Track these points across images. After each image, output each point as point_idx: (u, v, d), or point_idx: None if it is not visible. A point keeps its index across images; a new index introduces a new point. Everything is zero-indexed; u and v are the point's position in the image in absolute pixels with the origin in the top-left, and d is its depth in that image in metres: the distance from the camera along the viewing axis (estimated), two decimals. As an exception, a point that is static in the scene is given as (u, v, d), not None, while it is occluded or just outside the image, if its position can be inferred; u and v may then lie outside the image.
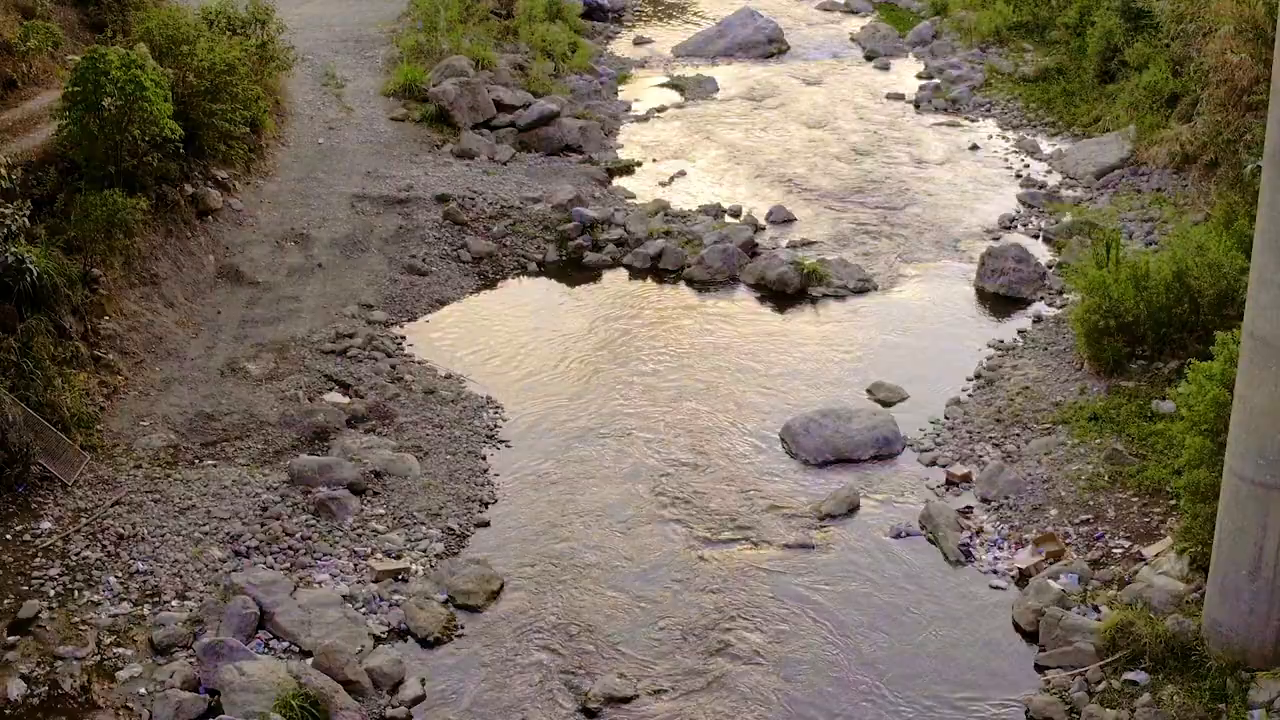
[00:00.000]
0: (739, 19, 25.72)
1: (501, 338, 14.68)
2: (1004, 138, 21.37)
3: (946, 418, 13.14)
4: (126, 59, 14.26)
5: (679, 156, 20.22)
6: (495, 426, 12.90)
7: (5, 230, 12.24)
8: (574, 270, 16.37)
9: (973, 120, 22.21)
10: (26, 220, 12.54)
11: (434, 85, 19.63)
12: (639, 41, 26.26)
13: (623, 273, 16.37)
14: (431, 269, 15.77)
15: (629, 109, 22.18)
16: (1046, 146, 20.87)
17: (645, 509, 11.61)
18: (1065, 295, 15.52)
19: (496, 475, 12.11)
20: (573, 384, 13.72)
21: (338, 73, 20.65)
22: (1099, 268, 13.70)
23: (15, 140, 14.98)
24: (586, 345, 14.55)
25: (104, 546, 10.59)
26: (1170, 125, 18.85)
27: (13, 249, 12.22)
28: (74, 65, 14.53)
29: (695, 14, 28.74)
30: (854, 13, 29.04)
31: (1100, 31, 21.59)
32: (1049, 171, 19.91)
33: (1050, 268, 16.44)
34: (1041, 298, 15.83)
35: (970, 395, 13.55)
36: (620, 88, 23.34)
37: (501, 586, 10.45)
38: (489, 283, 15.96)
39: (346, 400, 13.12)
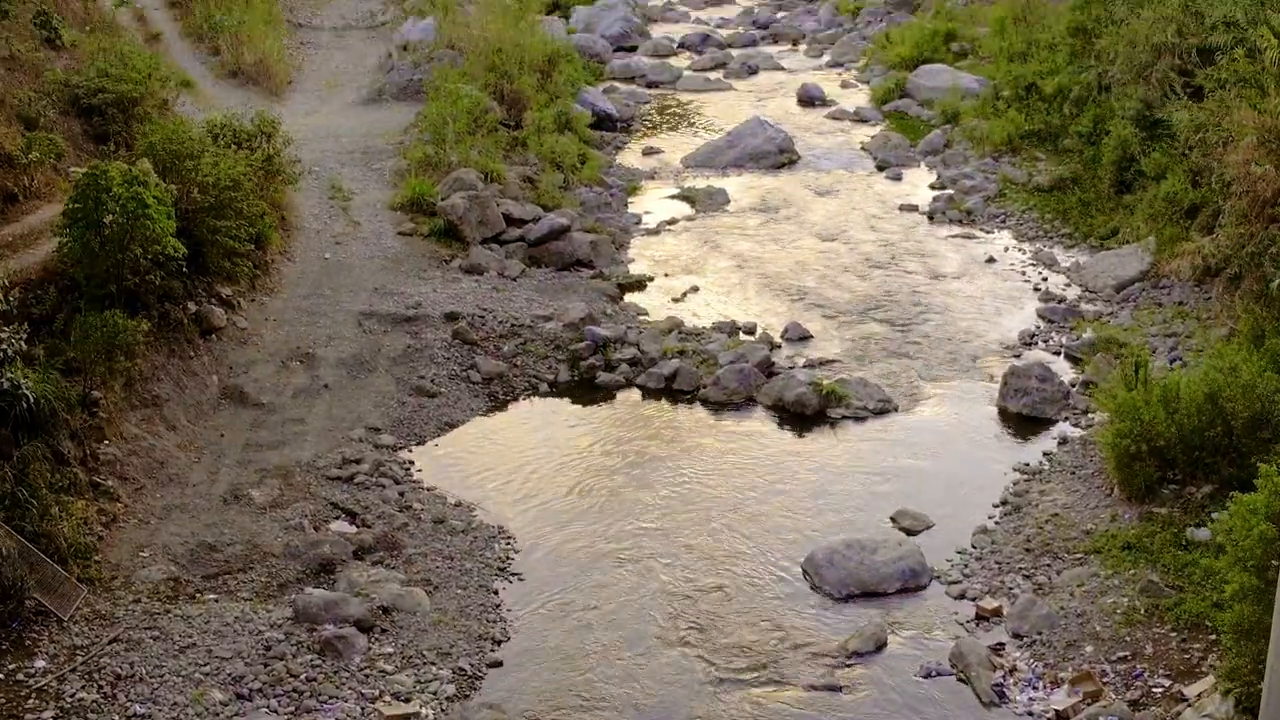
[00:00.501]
0: (749, 129, 25.63)
1: (513, 462, 14.26)
2: (1020, 250, 21.09)
3: (974, 547, 12.69)
4: (128, 175, 14.07)
5: (691, 271, 19.93)
6: (508, 558, 12.48)
7: (1, 355, 11.94)
8: (587, 391, 15.98)
9: (988, 231, 21.96)
10: (23, 344, 12.26)
11: (442, 199, 19.44)
12: (648, 152, 26.16)
13: (636, 393, 15.99)
14: (441, 390, 15.40)
15: (639, 221, 21.96)
16: (1064, 258, 20.57)
17: (665, 641, 11.17)
18: (1091, 415, 15.15)
19: (510, 610, 11.65)
20: (587, 509, 13.29)
21: (344, 185, 20.52)
22: (1128, 389, 13.32)
23: (15, 256, 14.76)
24: (601, 469, 14.14)
25: (100, 688, 10.12)
26: (1191, 237, 18.55)
27: (9, 374, 11.90)
28: (76, 179, 14.37)
29: (704, 124, 28.69)
30: (863, 121, 29.00)
31: (1115, 141, 21.39)
32: (1068, 285, 19.59)
33: (1074, 386, 16.06)
34: (1066, 418, 15.43)
35: (997, 523, 13.10)
36: (630, 199, 23.16)
37: (515, 734, 9.94)
38: (500, 404, 15.57)
39: (353, 530, 12.69)
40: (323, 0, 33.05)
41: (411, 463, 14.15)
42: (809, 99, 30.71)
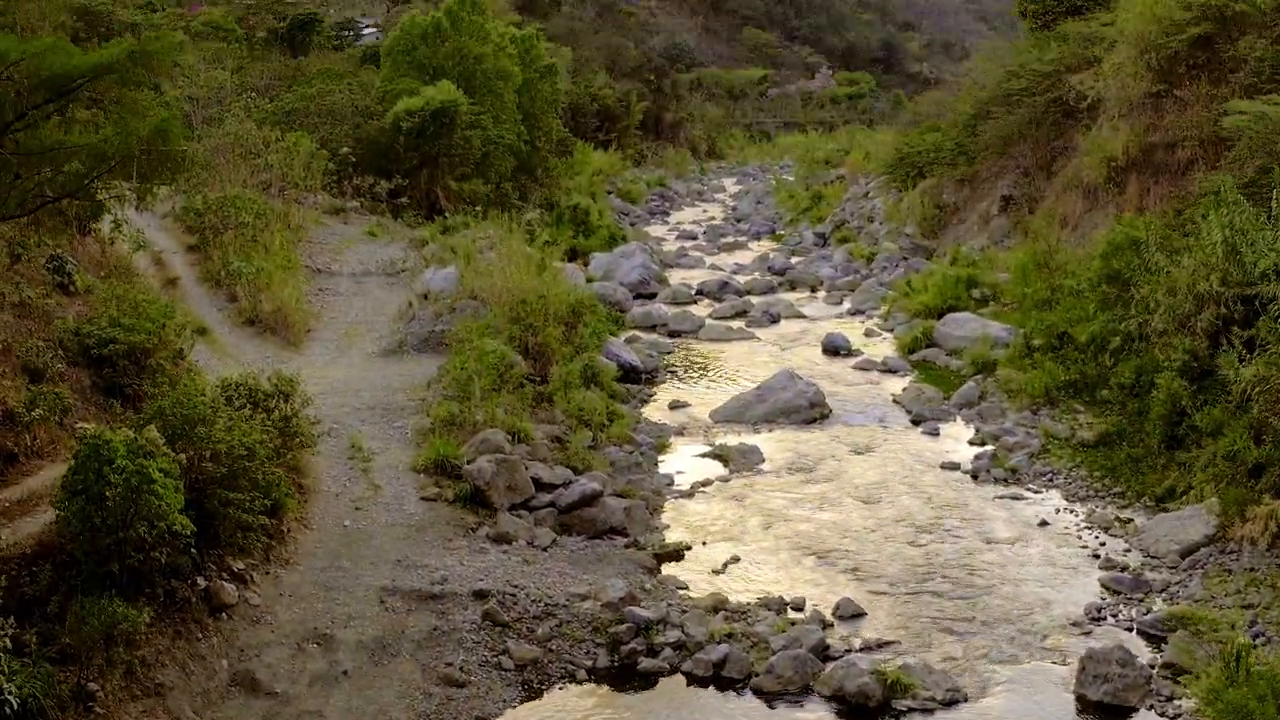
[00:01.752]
0: (779, 382, 24.89)
1: (547, 765, 12.82)
2: (1073, 511, 20.00)
3: None
4: (133, 445, 13.13)
5: (730, 538, 18.74)
6: None
7: (-16, 654, 10.79)
8: (628, 678, 14.55)
9: (1036, 491, 20.92)
10: (9, 641, 11.14)
11: (468, 462, 18.43)
12: (675, 405, 25.36)
13: (681, 680, 14.55)
14: (470, 679, 13.99)
15: (672, 482, 20.91)
16: (1120, 520, 19.44)
17: None
18: (1177, 702, 13.85)
19: None
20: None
21: (365, 444, 19.56)
22: (1228, 683, 12.04)
23: (10, 526, 13.71)
24: (646, 775, 12.67)
25: None
26: (1261, 499, 17.52)
27: (-8, 676, 10.73)
28: (81, 435, 13.49)
29: (729, 375, 28.06)
30: (892, 371, 28.40)
31: (1163, 394, 20.55)
32: (1127, 549, 18.41)
33: (1155, 669, 14.74)
34: (1151, 705, 14.01)
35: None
36: (660, 457, 22.18)
37: None
38: (534, 693, 14.14)
39: None
40: (341, 246, 32.99)
41: (437, 766, 12.72)
42: (834, 348, 30.24)
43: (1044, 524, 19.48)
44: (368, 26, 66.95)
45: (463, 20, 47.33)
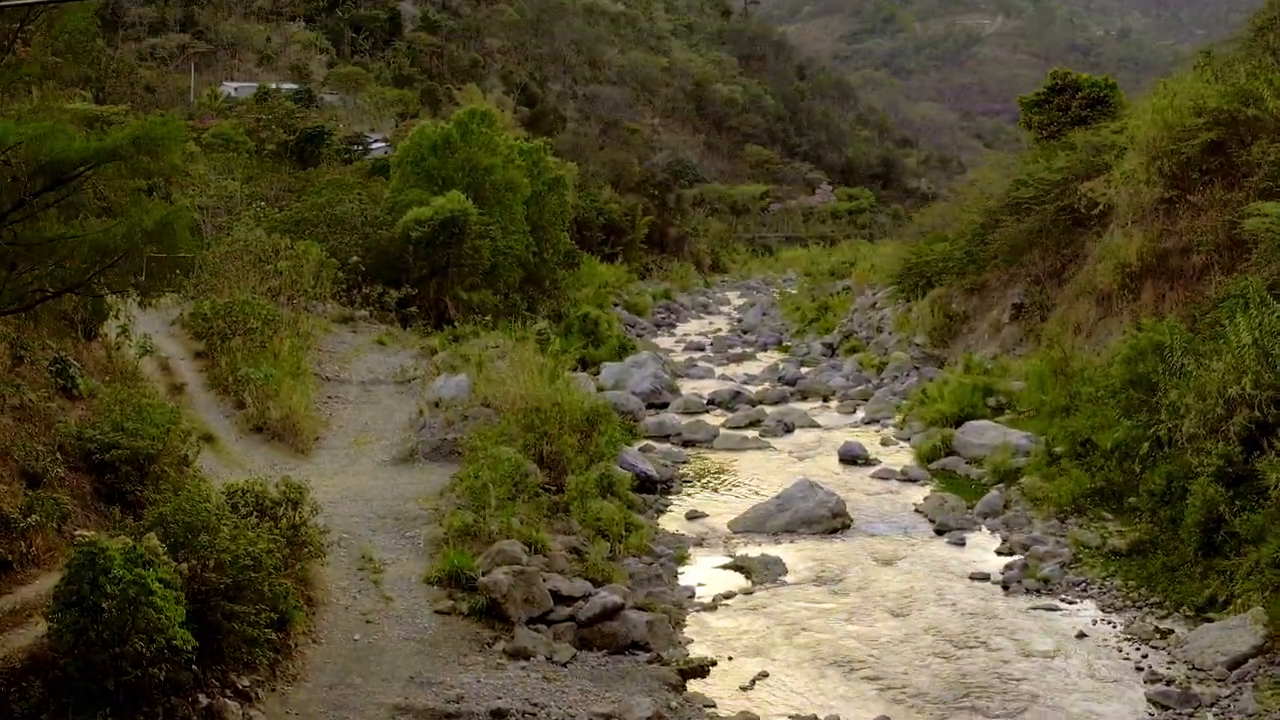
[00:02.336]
0: (799, 491, 24.23)
1: None
2: (1110, 622, 19.20)
3: None
4: (131, 554, 12.46)
5: (757, 652, 17.92)
6: None
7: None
8: (656, 803, 13.72)
9: (1071, 602, 20.12)
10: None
11: (484, 574, 17.68)
12: (692, 516, 24.67)
13: (715, 809, 13.72)
14: (488, 804, 13.15)
15: (693, 595, 20.11)
16: (1160, 631, 18.64)
17: None
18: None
19: None
20: None
21: (376, 555, 18.83)
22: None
23: (1, 637, 12.99)
24: None
25: None
26: (1316, 612, 16.80)
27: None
28: (77, 543, 12.82)
29: (746, 485, 27.40)
30: (911, 480, 27.76)
31: (1198, 501, 19.88)
32: (1171, 662, 17.58)
33: (1216, 792, 13.91)
34: (1214, 828, 13.20)
35: None
36: (680, 569, 21.41)
37: None
38: (555, 820, 13.28)
39: None
40: (350, 354, 32.59)
41: None
42: (851, 457, 29.65)
43: (1082, 636, 18.67)
44: (376, 141, 67.53)
45: (472, 132, 47.64)
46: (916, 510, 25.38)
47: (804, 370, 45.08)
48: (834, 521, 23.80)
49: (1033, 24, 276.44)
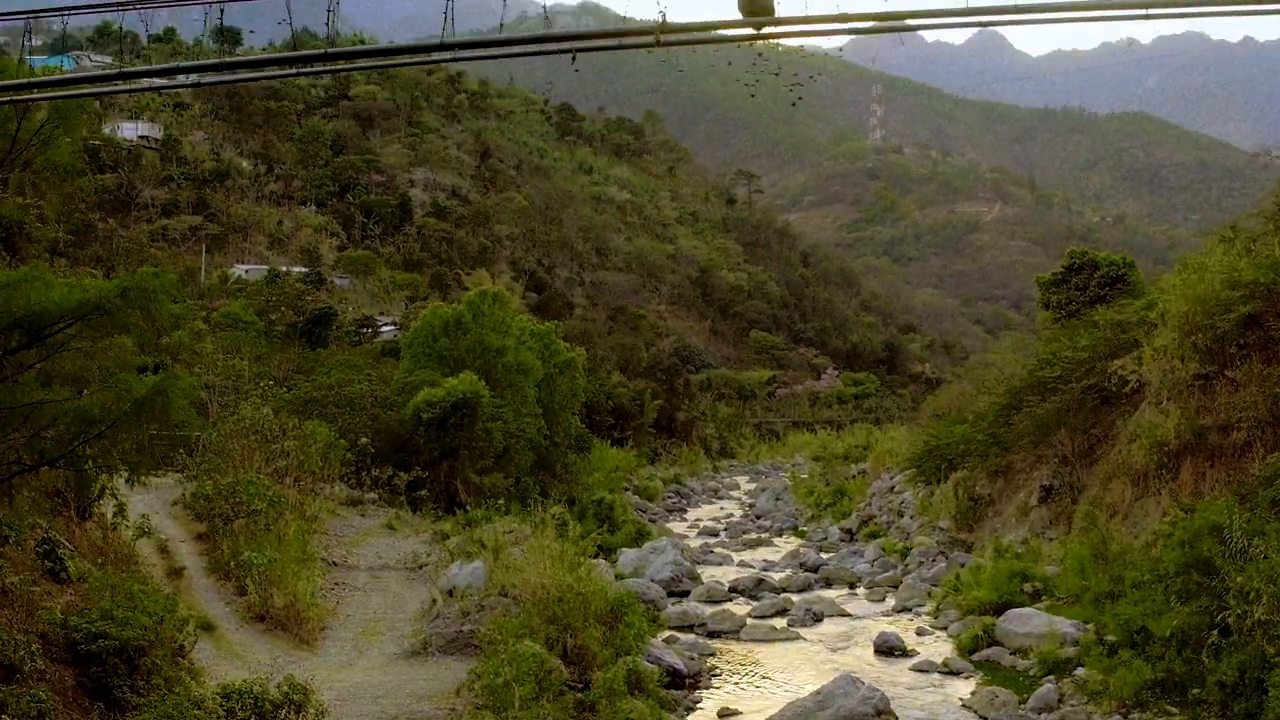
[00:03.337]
0: (839, 688, 22.47)
1: None
2: (1195, 833, 17.41)
3: None
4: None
5: None
6: None
7: None
8: None
9: (1150, 809, 18.34)
10: None
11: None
12: (725, 714, 22.89)
13: None
14: None
15: (735, 802, 18.34)
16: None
17: None
18: None
19: None
20: None
21: (387, 762, 17.16)
22: None
23: None
24: None
25: None
26: None
27: None
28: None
29: (779, 680, 25.63)
30: (954, 674, 26.04)
31: (1281, 694, 18.29)
32: None
33: None
34: None
35: None
36: (718, 774, 19.64)
37: None
38: None
39: None
40: (358, 539, 31.18)
41: None
42: (888, 648, 27.93)
43: None
44: (386, 324, 67.34)
45: (484, 313, 47.23)
46: (965, 706, 23.60)
47: (825, 556, 43.56)
48: (879, 719, 22.02)
49: (1031, 211, 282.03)
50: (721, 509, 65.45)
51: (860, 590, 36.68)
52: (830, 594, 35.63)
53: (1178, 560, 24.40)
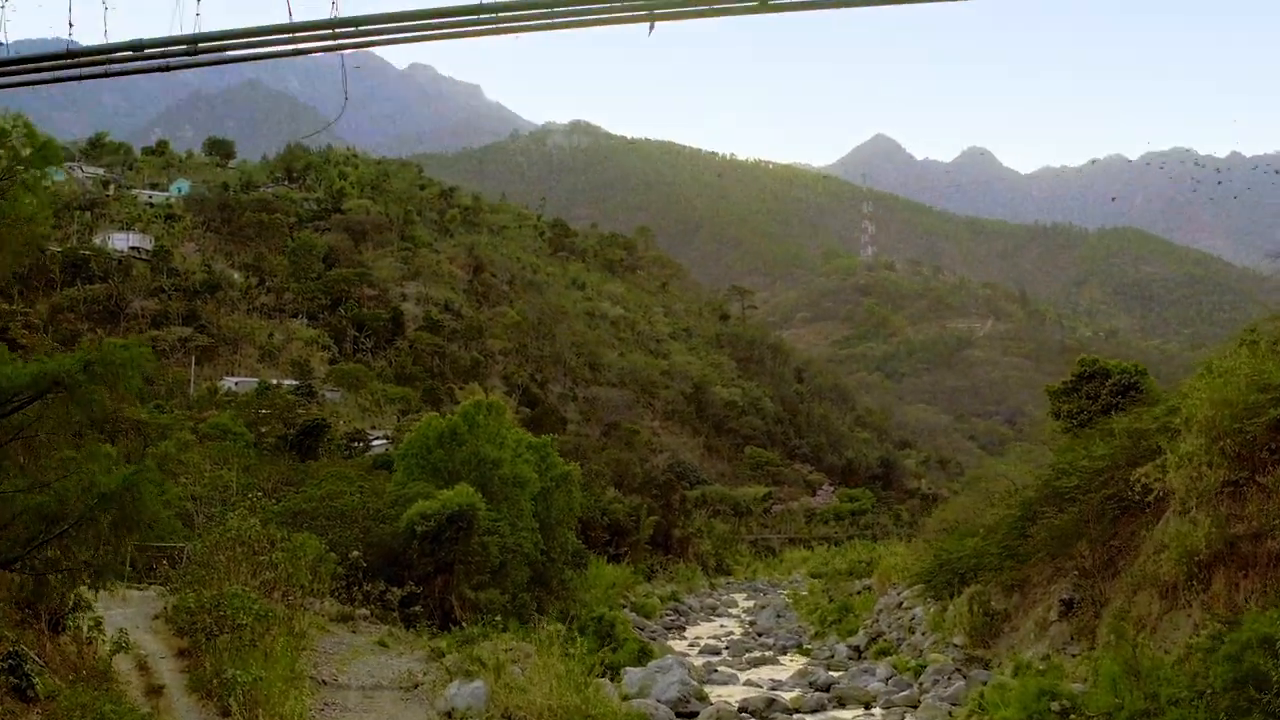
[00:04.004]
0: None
1: None
2: None
3: None
4: None
5: None
6: None
7: None
8: None
9: None
10: None
11: None
12: (747, 843, 21.15)
13: None
14: None
15: None
16: None
17: None
18: None
19: None
20: None
21: None
22: None
23: None
24: None
25: None
26: None
27: None
28: None
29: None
30: (987, 800, 24.25)
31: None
32: None
33: None
34: None
35: None
36: None
37: None
38: None
39: None
40: (350, 656, 29.50)
41: None
42: (917, 773, 26.26)
43: None
44: (377, 438, 66.12)
45: (479, 424, 46.13)
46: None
47: (835, 674, 41.78)
48: None
49: (1023, 327, 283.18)
50: (721, 626, 63.69)
51: (877, 711, 34.95)
52: (845, 715, 33.94)
53: (1225, 675, 22.94)
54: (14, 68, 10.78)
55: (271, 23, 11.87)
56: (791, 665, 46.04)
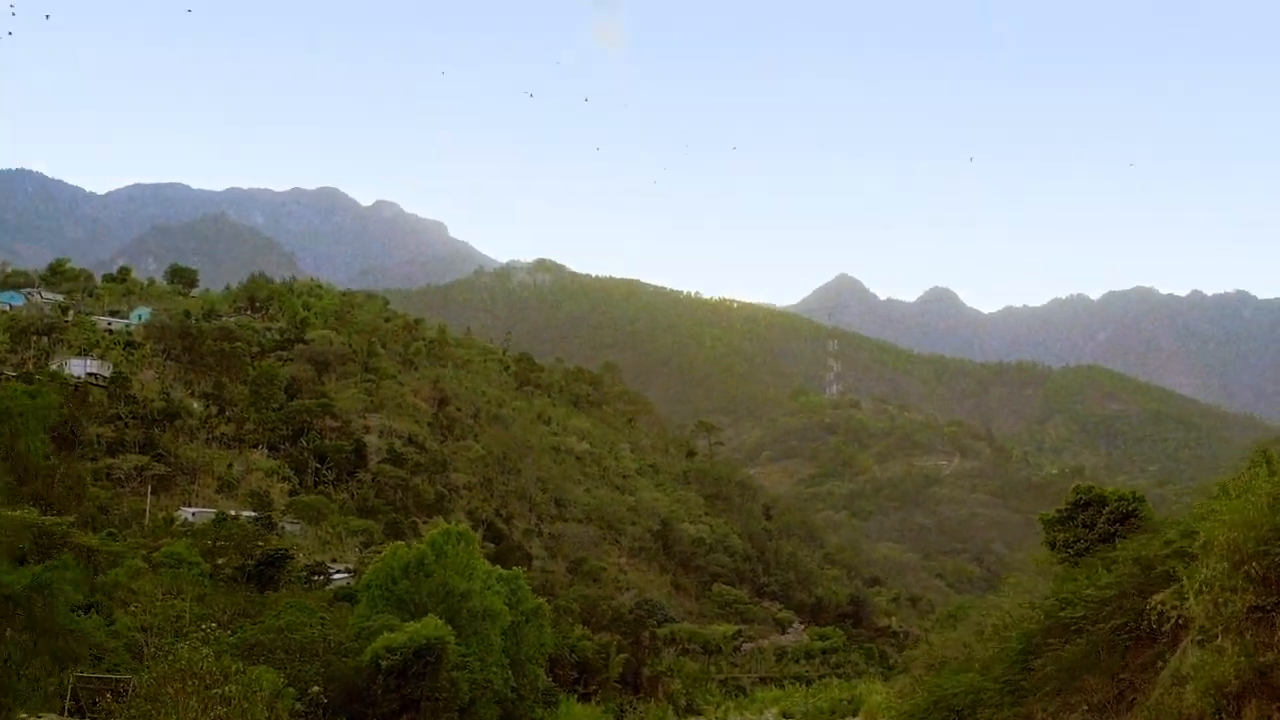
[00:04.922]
0: None
1: None
2: None
3: None
4: None
5: None
6: None
7: None
8: None
9: None
10: None
11: None
12: None
13: None
14: None
15: None
16: None
17: None
18: None
19: None
20: None
21: None
22: None
23: None
24: None
25: None
26: None
27: None
28: None
29: None
30: None
31: None
32: None
33: None
34: None
35: None
36: None
37: None
38: None
39: None
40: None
41: None
42: None
43: None
44: (338, 571, 63.48)
45: (448, 554, 43.87)
46: None
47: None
48: None
49: (989, 464, 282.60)
50: (699, 777, 60.58)
51: None
52: None
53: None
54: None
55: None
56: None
